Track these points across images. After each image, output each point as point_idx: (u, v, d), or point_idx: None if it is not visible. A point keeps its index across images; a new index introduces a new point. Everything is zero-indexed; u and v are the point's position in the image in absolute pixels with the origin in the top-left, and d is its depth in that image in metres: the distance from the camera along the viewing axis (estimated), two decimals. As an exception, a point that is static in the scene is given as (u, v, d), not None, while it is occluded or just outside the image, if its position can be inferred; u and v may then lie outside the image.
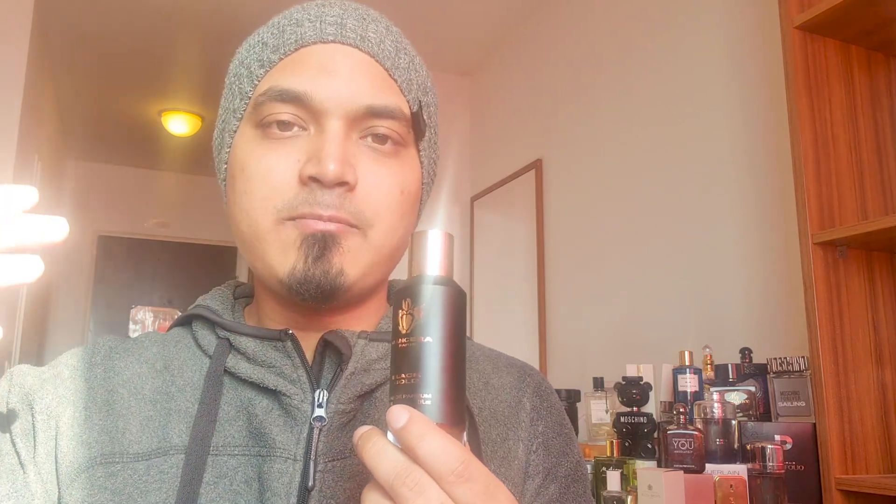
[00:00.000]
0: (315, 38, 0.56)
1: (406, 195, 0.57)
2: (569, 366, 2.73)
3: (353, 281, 0.54)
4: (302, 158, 0.53)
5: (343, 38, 0.56)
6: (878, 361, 1.42)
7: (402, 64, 0.58)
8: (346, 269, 0.53)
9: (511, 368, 0.64)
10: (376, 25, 0.58)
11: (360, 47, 0.56)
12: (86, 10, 3.39)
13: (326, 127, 0.54)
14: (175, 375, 0.57)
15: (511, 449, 0.58)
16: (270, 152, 0.54)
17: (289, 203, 0.53)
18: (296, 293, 0.53)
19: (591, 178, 2.72)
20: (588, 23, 2.85)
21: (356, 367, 0.55)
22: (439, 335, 0.39)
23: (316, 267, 0.52)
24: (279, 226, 0.53)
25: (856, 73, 1.55)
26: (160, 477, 0.51)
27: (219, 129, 0.61)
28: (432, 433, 0.36)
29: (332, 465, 0.52)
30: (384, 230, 0.55)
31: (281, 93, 0.54)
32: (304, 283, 0.52)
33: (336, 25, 0.56)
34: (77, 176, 5.72)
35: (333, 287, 0.53)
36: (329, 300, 0.54)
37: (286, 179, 0.53)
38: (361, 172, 0.54)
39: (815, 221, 1.42)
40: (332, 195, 0.53)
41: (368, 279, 0.56)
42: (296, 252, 0.53)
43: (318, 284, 0.52)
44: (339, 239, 0.53)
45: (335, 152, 0.52)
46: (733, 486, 1.34)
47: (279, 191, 0.53)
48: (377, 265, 0.56)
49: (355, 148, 0.55)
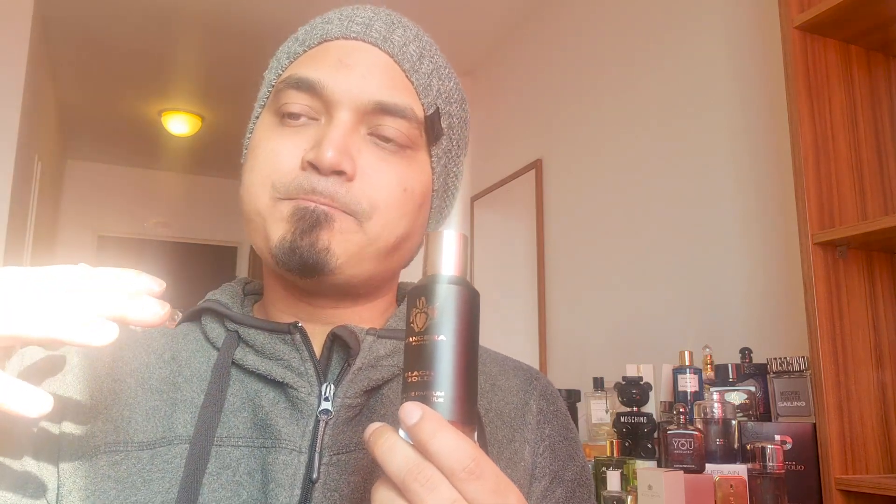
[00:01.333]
0: (339, 33, 0.58)
1: (409, 194, 0.57)
2: (569, 366, 2.73)
3: (340, 262, 0.54)
4: (307, 146, 0.55)
5: (366, 36, 0.57)
6: (878, 361, 1.42)
7: (423, 69, 0.59)
8: (333, 248, 0.54)
9: (518, 371, 0.64)
10: (404, 31, 0.60)
11: (380, 47, 0.57)
12: (86, 11, 3.39)
13: (335, 117, 0.55)
14: (182, 366, 0.57)
15: (517, 450, 0.58)
16: (281, 137, 0.56)
17: (286, 185, 0.54)
18: (282, 264, 0.54)
19: (591, 178, 2.72)
20: (588, 24, 2.85)
21: (364, 363, 0.55)
22: (453, 334, 0.39)
23: (303, 239, 0.53)
24: (275, 203, 0.55)
25: (856, 73, 1.55)
26: (164, 466, 0.51)
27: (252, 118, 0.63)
28: (444, 430, 0.36)
29: (338, 458, 0.52)
30: (381, 223, 0.55)
31: (297, 81, 0.56)
32: (289, 254, 0.53)
33: (363, 25, 0.58)
34: (77, 176, 5.72)
35: (317, 262, 0.53)
36: (312, 274, 0.54)
37: (289, 162, 0.55)
38: (363, 165, 0.55)
39: (815, 221, 1.42)
40: (327, 182, 0.54)
41: (359, 268, 0.56)
42: (286, 224, 0.54)
43: (302, 256, 0.53)
44: (331, 217, 0.54)
45: (336, 140, 0.54)
46: (733, 486, 1.34)
47: (280, 172, 0.55)
48: (370, 256, 0.56)
49: (361, 142, 0.56)
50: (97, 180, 5.78)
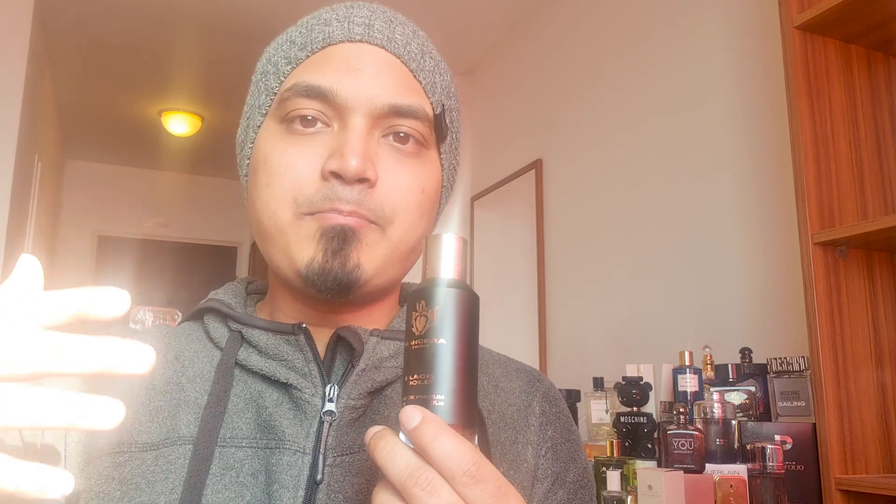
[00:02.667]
0: (342, 37, 0.57)
1: (426, 195, 0.58)
2: (569, 366, 2.73)
3: (369, 276, 0.54)
4: (324, 154, 0.54)
5: (370, 38, 0.57)
6: (878, 361, 1.42)
7: (427, 66, 0.59)
8: (363, 264, 0.54)
9: (521, 373, 0.65)
10: (403, 28, 0.59)
11: (386, 48, 0.57)
12: (86, 11, 3.39)
13: (350, 124, 0.54)
14: (186, 366, 0.57)
15: (520, 452, 0.58)
16: (293, 147, 0.55)
17: (309, 198, 0.53)
18: (313, 285, 0.53)
19: (591, 178, 2.72)
20: (588, 23, 2.85)
21: (367, 364, 0.55)
22: (453, 337, 0.39)
23: (334, 260, 0.53)
24: (299, 220, 0.54)
25: (856, 72, 1.55)
26: (167, 467, 0.51)
27: (243, 127, 0.62)
28: (445, 434, 0.36)
29: (342, 459, 0.53)
30: (403, 227, 0.56)
31: (307, 88, 0.55)
32: (321, 276, 0.53)
33: (364, 26, 0.57)
34: (77, 176, 5.72)
35: (350, 280, 0.53)
36: (345, 294, 0.54)
37: (308, 174, 0.54)
38: (382, 170, 0.55)
39: (815, 221, 1.42)
40: (352, 191, 0.53)
41: (384, 276, 0.56)
42: (315, 244, 0.53)
43: (336, 277, 0.53)
44: (359, 234, 0.53)
45: (357, 148, 0.53)
46: (733, 486, 1.34)
47: (300, 185, 0.54)
48: (394, 262, 0.56)
49: (377, 146, 0.56)
50: (97, 180, 5.78)
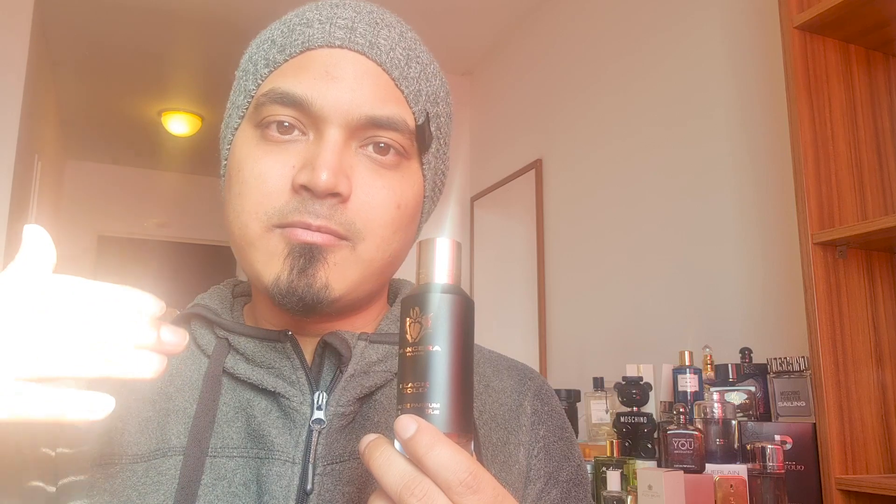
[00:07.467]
0: (322, 41, 0.54)
1: (403, 210, 0.55)
2: (569, 366, 2.73)
3: (339, 294, 0.53)
4: (297, 164, 0.52)
5: (351, 43, 0.54)
6: (878, 361, 1.42)
7: (411, 74, 0.56)
8: (331, 284, 0.52)
9: (512, 371, 0.64)
10: (389, 31, 0.56)
11: (367, 54, 0.54)
12: (86, 11, 3.39)
13: (325, 135, 0.52)
14: (173, 375, 0.57)
15: (511, 453, 0.58)
16: (267, 156, 0.53)
17: (279, 210, 0.52)
18: (279, 304, 0.52)
19: (591, 178, 2.72)
20: (588, 23, 2.85)
21: (356, 369, 0.55)
22: (448, 344, 0.38)
23: (300, 279, 0.51)
24: (268, 233, 0.52)
25: (855, 72, 1.55)
26: (158, 479, 0.51)
27: (224, 123, 0.61)
28: (441, 444, 0.36)
29: (332, 468, 0.52)
30: (375, 244, 0.54)
31: (282, 95, 0.53)
32: (287, 295, 0.51)
33: (346, 30, 0.54)
34: (77, 176, 5.72)
35: (316, 300, 0.52)
36: (312, 312, 0.53)
37: (279, 185, 0.52)
38: (357, 184, 0.53)
39: (815, 221, 1.42)
40: (322, 205, 0.51)
41: (357, 292, 0.55)
42: (280, 262, 0.52)
43: (301, 297, 0.51)
44: (326, 252, 0.52)
45: (329, 161, 0.51)
46: (733, 486, 1.34)
47: (271, 197, 0.52)
48: (366, 280, 0.55)
49: (353, 158, 0.53)
50: (97, 180, 5.77)
